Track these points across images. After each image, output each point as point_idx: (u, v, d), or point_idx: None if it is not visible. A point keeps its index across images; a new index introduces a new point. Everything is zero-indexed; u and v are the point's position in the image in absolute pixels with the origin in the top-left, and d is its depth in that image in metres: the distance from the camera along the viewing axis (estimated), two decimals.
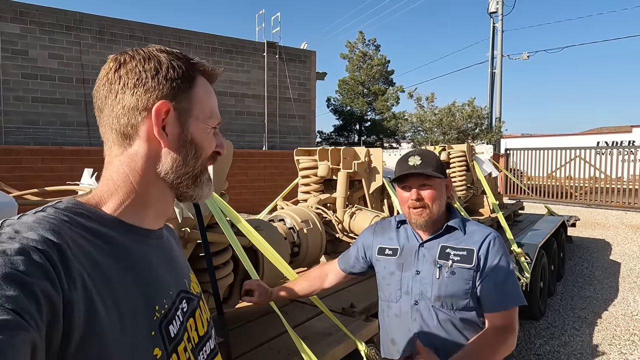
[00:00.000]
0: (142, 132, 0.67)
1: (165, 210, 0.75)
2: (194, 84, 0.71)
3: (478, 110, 16.96)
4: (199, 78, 0.72)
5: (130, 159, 0.68)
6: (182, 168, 0.69)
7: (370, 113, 24.96)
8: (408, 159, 1.43)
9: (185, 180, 0.70)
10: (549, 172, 14.44)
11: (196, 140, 0.71)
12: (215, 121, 0.75)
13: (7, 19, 10.45)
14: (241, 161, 11.13)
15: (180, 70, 0.69)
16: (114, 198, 0.67)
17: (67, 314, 0.50)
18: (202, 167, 0.73)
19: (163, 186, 0.70)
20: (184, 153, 0.69)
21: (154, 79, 0.67)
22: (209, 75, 0.76)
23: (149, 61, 0.68)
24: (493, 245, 1.39)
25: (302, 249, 2.85)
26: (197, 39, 13.32)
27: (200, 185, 0.73)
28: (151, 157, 0.68)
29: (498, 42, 18.24)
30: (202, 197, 0.75)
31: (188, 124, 0.70)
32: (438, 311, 1.37)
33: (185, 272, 0.80)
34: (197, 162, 0.71)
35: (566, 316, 4.57)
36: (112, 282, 0.58)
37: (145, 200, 0.69)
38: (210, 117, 0.73)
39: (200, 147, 0.71)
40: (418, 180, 1.40)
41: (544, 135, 23.76)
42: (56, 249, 0.52)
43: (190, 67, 0.71)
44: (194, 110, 0.71)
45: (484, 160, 5.21)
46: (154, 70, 0.67)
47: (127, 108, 0.67)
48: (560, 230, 5.84)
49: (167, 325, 0.65)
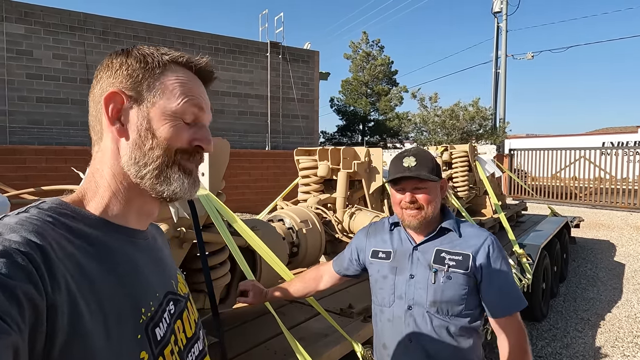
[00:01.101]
0: (104, 124, 0.67)
1: (148, 210, 0.72)
2: (162, 74, 0.68)
3: (482, 110, 16.89)
4: (172, 69, 0.69)
5: (102, 154, 0.68)
6: (141, 159, 0.66)
7: (374, 113, 24.95)
8: (403, 159, 1.40)
9: (147, 173, 0.66)
10: (553, 172, 14.36)
11: (155, 129, 0.66)
12: (190, 114, 0.69)
13: (12, 20, 10.51)
14: (244, 161, 11.15)
15: (146, 60, 0.68)
16: (96, 197, 0.66)
17: (51, 316, 0.49)
18: (166, 160, 0.67)
19: (130, 181, 0.67)
20: (140, 142, 0.66)
21: (118, 70, 0.67)
22: (194, 67, 0.72)
23: (123, 55, 0.68)
24: (493, 250, 1.37)
25: (301, 249, 2.84)
26: (200, 39, 13.35)
27: (167, 179, 0.67)
28: (115, 151, 0.67)
29: (502, 42, 18.16)
30: (172, 192, 0.68)
31: (146, 112, 0.66)
32: (433, 317, 1.35)
33: (173, 273, 0.79)
34: (154, 152, 0.66)
35: (569, 318, 4.53)
36: (97, 285, 0.57)
37: (122, 198, 0.67)
38: (181, 108, 0.68)
39: (161, 136, 0.66)
40: (412, 182, 1.38)
41: (549, 136, 23.62)
42: (39, 250, 0.51)
43: (158, 57, 0.69)
44: (159, 100, 0.67)
45: (486, 161, 5.18)
46: (119, 62, 0.67)
47: (94, 101, 0.67)
48: (564, 231, 5.80)
49: (154, 328, 0.64)
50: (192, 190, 0.72)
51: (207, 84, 0.76)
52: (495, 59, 18.55)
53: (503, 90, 18.17)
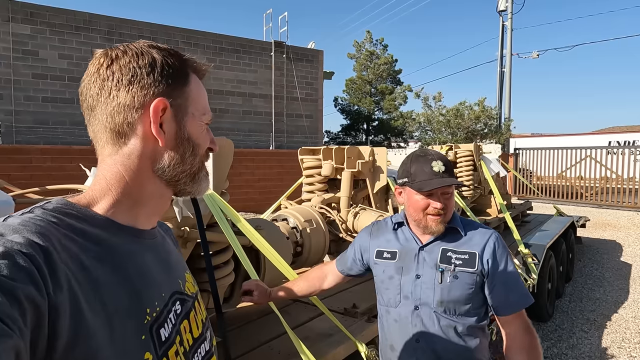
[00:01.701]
0: (138, 130, 0.66)
1: (160, 209, 0.74)
2: (189, 81, 0.71)
3: (487, 110, 16.80)
4: (191, 75, 0.72)
5: (125, 157, 0.66)
6: (180, 166, 0.69)
7: (378, 112, 24.90)
8: (431, 163, 1.35)
9: (184, 177, 0.71)
10: (559, 172, 14.26)
11: (193, 137, 0.71)
12: (208, 118, 0.75)
13: (18, 20, 10.58)
14: (248, 161, 11.16)
15: (175, 66, 0.69)
16: (107, 198, 0.66)
17: (53, 318, 0.49)
18: (200, 164, 0.73)
19: (160, 184, 0.70)
20: (182, 151, 0.69)
21: (149, 75, 0.66)
22: (200, 72, 0.75)
23: (143, 57, 0.67)
24: (498, 247, 1.36)
25: (305, 248, 2.83)
26: (204, 38, 13.37)
27: (198, 181, 0.74)
28: (148, 155, 0.67)
29: (507, 41, 18.06)
30: (200, 192, 0.75)
31: (184, 121, 0.70)
32: (440, 317, 1.34)
33: (180, 273, 0.79)
34: (195, 159, 0.71)
35: (575, 318, 4.50)
36: (100, 286, 0.56)
37: (139, 200, 0.68)
38: (203, 114, 0.73)
39: (197, 144, 0.72)
40: (442, 188, 1.35)
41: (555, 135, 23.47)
42: (42, 251, 0.51)
43: (183, 63, 0.71)
44: (190, 107, 0.70)
45: (491, 160, 5.15)
46: (148, 66, 0.66)
47: (122, 105, 0.65)
48: (570, 231, 5.76)
49: (159, 329, 0.64)
50: (208, 186, 0.79)
51: None
52: (501, 57, 18.45)
53: (508, 89, 18.07)
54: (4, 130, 10.44)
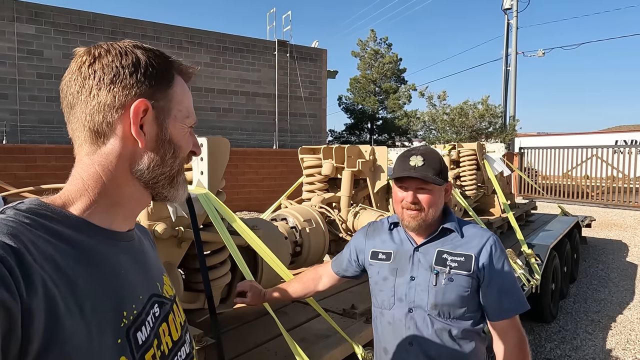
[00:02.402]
0: (118, 130, 0.65)
1: (136, 211, 0.73)
2: (173, 83, 0.70)
3: (492, 108, 16.70)
4: (176, 77, 0.71)
5: (103, 157, 0.65)
6: (159, 168, 0.68)
7: (382, 112, 24.84)
8: (410, 157, 1.36)
9: (162, 180, 0.69)
10: (564, 171, 14.15)
11: (174, 139, 0.70)
12: (192, 121, 0.74)
13: (23, 20, 10.64)
14: (251, 160, 11.16)
15: (159, 68, 0.67)
16: (83, 198, 0.64)
17: (26, 322, 0.48)
18: (179, 167, 0.72)
19: (138, 186, 0.69)
20: (162, 153, 0.68)
21: (132, 75, 0.64)
22: (186, 74, 0.74)
23: (126, 57, 0.65)
24: (495, 251, 1.33)
25: (305, 248, 2.81)
26: (208, 38, 13.38)
27: (176, 186, 0.72)
28: (126, 156, 0.66)
29: (513, 39, 17.94)
30: (176, 198, 0.73)
31: (166, 123, 0.69)
32: (434, 320, 1.31)
33: (158, 275, 0.77)
34: (175, 161, 0.70)
35: (579, 319, 4.45)
36: (76, 288, 0.55)
37: (116, 201, 0.67)
38: (187, 117, 0.72)
39: (179, 146, 0.70)
40: (417, 182, 1.34)
41: (560, 134, 23.30)
42: (13, 253, 0.50)
43: (168, 65, 0.69)
44: (173, 109, 0.69)
45: (495, 159, 5.11)
46: (132, 66, 0.65)
47: (102, 105, 0.64)
48: (574, 230, 5.69)
49: (135, 332, 0.62)
50: (185, 195, 0.76)
51: None
52: (506, 56, 18.34)
53: (513, 88, 17.96)
54: (9, 129, 10.50)
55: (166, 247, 1.69)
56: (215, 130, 13.31)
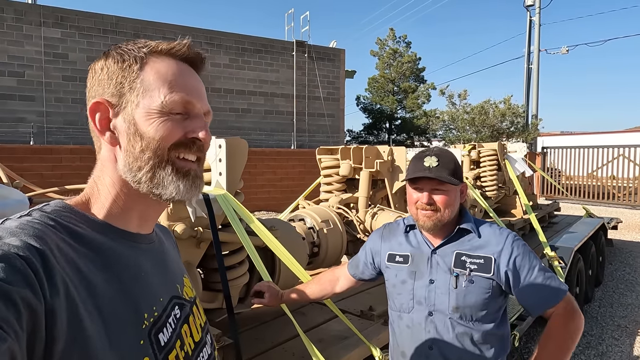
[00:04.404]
0: (96, 133, 0.67)
1: (151, 213, 0.72)
2: (142, 69, 0.65)
3: (514, 108, 16.37)
4: (153, 62, 0.66)
5: (101, 162, 0.68)
6: (134, 164, 0.64)
7: (401, 111, 24.63)
8: (424, 158, 1.34)
9: (142, 176, 0.65)
10: (589, 171, 13.77)
11: (142, 131, 0.64)
12: (179, 106, 0.66)
13: (49, 24, 10.96)
14: (270, 160, 11.22)
15: (123, 59, 0.66)
16: (98, 202, 0.66)
17: (49, 322, 0.49)
18: (158, 160, 0.65)
19: (131, 187, 0.66)
20: (130, 147, 0.64)
21: (100, 75, 0.67)
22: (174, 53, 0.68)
23: (102, 59, 0.68)
24: (517, 249, 1.30)
25: (322, 249, 2.81)
26: (227, 39, 13.52)
27: (162, 182, 0.65)
28: (111, 158, 0.66)
29: (535, 37, 17.55)
30: (173, 197, 0.66)
31: (131, 116, 0.65)
32: (455, 323, 1.29)
33: (178, 277, 0.78)
34: (145, 154, 0.64)
35: (604, 324, 4.31)
36: (97, 290, 0.56)
37: (123, 204, 0.67)
38: (167, 102, 0.65)
39: (150, 137, 0.64)
40: (432, 183, 1.32)
41: (585, 133, 22.70)
42: (39, 255, 0.51)
43: (135, 52, 0.66)
44: (141, 100, 0.65)
45: (516, 159, 5.00)
46: (99, 67, 0.67)
47: (88, 111, 0.67)
48: (600, 233, 5.53)
49: (157, 334, 0.63)
50: (193, 192, 0.68)
51: (198, 70, 0.72)
52: (528, 54, 17.95)
53: (536, 86, 17.57)
54: (36, 130, 10.83)
55: (185, 247, 1.71)
56: (234, 130, 13.44)
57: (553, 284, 1.27)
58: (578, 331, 1.25)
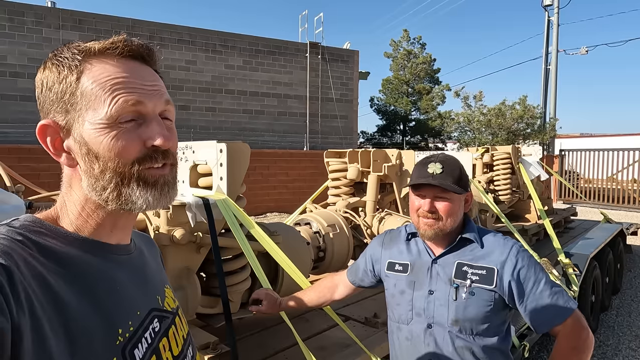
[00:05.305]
0: (52, 156, 0.64)
1: (124, 224, 0.68)
2: (79, 80, 0.59)
3: (530, 109, 16.06)
4: (91, 66, 0.60)
5: (65, 179, 0.66)
6: (97, 184, 0.61)
7: (415, 113, 24.43)
8: (428, 164, 1.30)
9: (108, 196, 0.61)
10: (609, 174, 13.41)
11: (95, 150, 0.59)
12: (127, 113, 0.59)
13: (68, 27, 11.19)
14: (282, 161, 11.24)
15: (59, 71, 0.60)
16: (67, 216, 0.64)
17: (16, 341, 0.47)
18: (120, 178, 0.60)
19: (99, 204, 0.63)
20: (90, 168, 0.60)
21: (42, 92, 0.62)
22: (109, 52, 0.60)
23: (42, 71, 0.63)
24: (522, 261, 1.24)
25: (328, 253, 2.78)
26: (241, 41, 13.61)
27: (129, 198, 0.61)
28: (76, 176, 0.64)
29: (553, 37, 17.20)
30: (144, 209, 0.63)
31: (80, 135, 0.60)
32: (455, 337, 1.24)
33: (159, 288, 0.75)
34: (105, 174, 0.60)
35: (621, 334, 4.17)
36: (65, 307, 0.54)
37: (93, 218, 0.64)
38: (113, 112, 0.58)
39: (105, 155, 0.59)
40: (435, 190, 1.28)
41: (605, 135, 22.14)
42: (4, 271, 0.49)
43: (70, 60, 0.60)
44: (85, 114, 0.59)
45: (531, 163, 4.89)
46: (39, 81, 0.63)
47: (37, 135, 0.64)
48: (618, 239, 5.36)
49: (132, 349, 0.61)
50: (163, 201, 0.64)
51: (149, 63, 0.65)
52: (546, 54, 17.59)
53: (553, 87, 17.20)
54: None
55: (185, 253, 1.70)
56: (247, 132, 13.51)
57: (560, 300, 1.21)
58: (588, 351, 1.19)
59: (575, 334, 1.19)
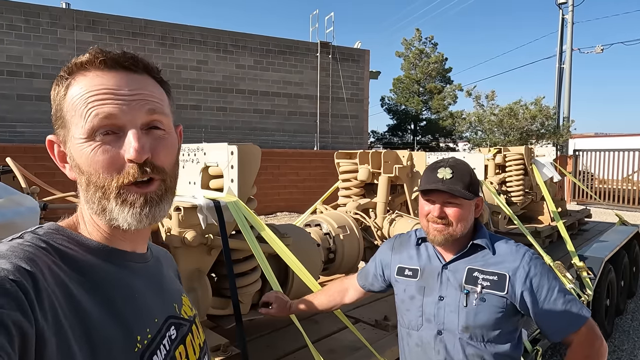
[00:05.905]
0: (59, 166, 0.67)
1: (135, 234, 0.67)
2: (66, 95, 0.61)
3: (545, 109, 15.83)
4: (76, 81, 0.61)
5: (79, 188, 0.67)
6: (86, 196, 0.62)
7: (426, 112, 24.29)
8: (438, 169, 1.29)
9: (95, 209, 0.61)
10: (625, 175, 13.17)
11: (79, 163, 0.60)
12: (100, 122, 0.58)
13: (82, 28, 11.35)
14: (292, 161, 11.26)
15: (55, 86, 0.63)
16: (86, 222, 0.65)
17: (40, 346, 0.48)
18: (102, 193, 0.60)
19: None
20: (80, 181, 0.62)
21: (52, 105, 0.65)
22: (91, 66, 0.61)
23: None
24: (535, 269, 1.23)
25: (338, 255, 2.77)
26: (252, 41, 13.66)
27: (110, 213, 0.60)
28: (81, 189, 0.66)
29: (568, 35, 16.94)
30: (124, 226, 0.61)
31: (70, 149, 0.62)
32: (466, 344, 1.23)
33: (176, 296, 0.76)
34: (90, 188, 0.60)
35: (637, 339, 4.10)
36: (87, 314, 0.55)
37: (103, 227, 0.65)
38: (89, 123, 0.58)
39: (86, 170, 0.60)
40: (444, 196, 1.26)
41: (621, 135, 21.75)
42: (30, 278, 0.50)
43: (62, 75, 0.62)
44: (72, 129, 0.60)
45: (544, 164, 4.82)
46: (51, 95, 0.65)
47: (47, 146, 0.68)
48: (634, 241, 5.26)
49: (151, 356, 0.62)
50: (147, 219, 0.62)
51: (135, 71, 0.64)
52: (560, 53, 17.34)
53: (568, 86, 16.95)
54: None
55: (196, 254, 1.71)
56: (258, 131, 13.55)
57: (573, 309, 1.19)
58: (604, 352, 1.17)
59: (589, 342, 1.18)
